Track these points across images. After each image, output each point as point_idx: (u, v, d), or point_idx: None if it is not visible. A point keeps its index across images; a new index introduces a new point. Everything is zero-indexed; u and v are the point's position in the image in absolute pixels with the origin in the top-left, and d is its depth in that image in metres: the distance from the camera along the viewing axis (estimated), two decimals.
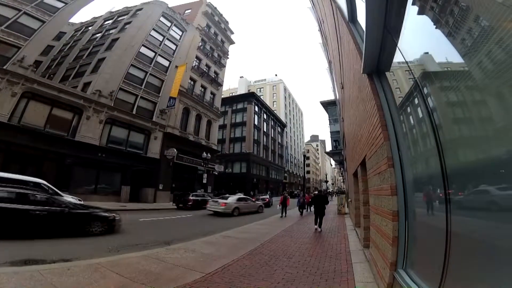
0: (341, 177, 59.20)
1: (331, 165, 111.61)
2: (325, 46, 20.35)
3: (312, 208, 12.69)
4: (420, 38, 1.91)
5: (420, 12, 1.77)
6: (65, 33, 30.32)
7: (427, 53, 1.86)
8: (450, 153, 1.69)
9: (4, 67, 15.95)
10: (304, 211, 17.27)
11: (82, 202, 12.41)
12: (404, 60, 2.34)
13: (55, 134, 17.53)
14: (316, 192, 14.18)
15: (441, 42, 1.41)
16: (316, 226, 9.92)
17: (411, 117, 2.74)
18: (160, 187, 23.61)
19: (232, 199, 16.05)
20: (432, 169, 2.00)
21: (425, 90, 2.00)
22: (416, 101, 2.33)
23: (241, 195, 18.28)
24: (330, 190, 78.34)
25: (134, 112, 23.24)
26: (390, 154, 3.04)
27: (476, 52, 1.12)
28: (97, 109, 20.08)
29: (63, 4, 21.78)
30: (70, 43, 29.26)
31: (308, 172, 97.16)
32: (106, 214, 8.38)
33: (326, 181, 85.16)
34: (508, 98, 1.01)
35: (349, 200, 14.11)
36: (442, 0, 1.42)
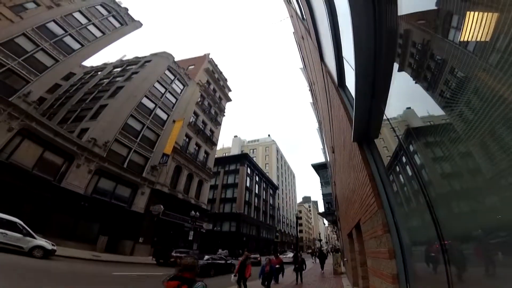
0: (335, 235, 56.70)
1: (324, 224, 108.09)
2: (316, 106, 21.40)
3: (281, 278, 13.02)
4: (402, 95, 2.00)
5: (400, 69, 1.88)
6: (75, 74, 31.49)
7: (409, 108, 1.93)
8: (440, 208, 1.65)
9: (10, 99, 16.16)
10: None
11: (55, 248, 11.71)
12: (387, 118, 2.42)
13: (41, 177, 16.96)
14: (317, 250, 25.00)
15: (421, 97, 1.50)
16: (321, 270, 19.12)
17: (401, 176, 2.72)
18: (141, 240, 22.06)
19: (288, 256, 24.82)
20: (427, 227, 1.92)
21: (411, 148, 2.02)
22: (404, 159, 2.33)
23: (293, 253, 22.88)
24: (325, 248, 74.82)
25: (125, 165, 23.01)
26: (385, 220, 2.97)
27: (455, 104, 1.18)
28: (89, 158, 19.86)
29: (79, 46, 23.06)
30: (77, 85, 30.23)
31: (301, 231, 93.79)
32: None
33: (320, 240, 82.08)
34: (490, 145, 1.02)
35: (345, 259, 13.29)
36: (419, 56, 1.53)
